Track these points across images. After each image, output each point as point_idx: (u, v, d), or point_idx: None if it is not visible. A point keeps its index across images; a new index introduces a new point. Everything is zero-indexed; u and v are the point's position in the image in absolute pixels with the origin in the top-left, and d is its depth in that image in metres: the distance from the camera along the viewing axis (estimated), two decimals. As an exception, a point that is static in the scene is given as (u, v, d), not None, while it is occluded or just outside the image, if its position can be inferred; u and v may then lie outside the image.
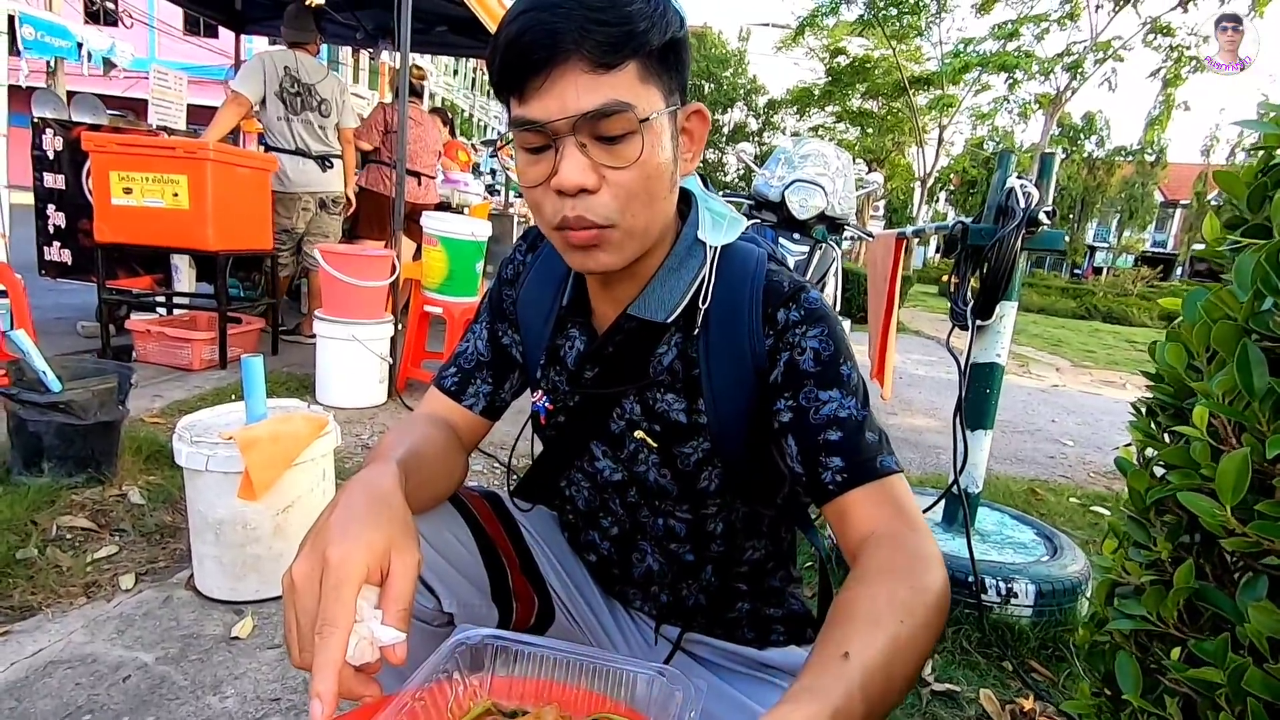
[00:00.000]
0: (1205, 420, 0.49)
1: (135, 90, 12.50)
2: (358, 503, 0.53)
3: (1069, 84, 13.79)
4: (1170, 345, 0.55)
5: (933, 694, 1.54)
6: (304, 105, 3.78)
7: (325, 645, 0.45)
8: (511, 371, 0.88)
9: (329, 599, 0.46)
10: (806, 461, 0.68)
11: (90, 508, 1.93)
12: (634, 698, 0.58)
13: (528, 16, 0.59)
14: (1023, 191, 1.76)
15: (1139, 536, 0.61)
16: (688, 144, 0.71)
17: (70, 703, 1.29)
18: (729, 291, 0.74)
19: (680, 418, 0.76)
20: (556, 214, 0.64)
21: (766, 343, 0.72)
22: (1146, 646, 0.62)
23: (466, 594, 0.79)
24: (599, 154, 0.62)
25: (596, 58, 0.59)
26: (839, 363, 0.69)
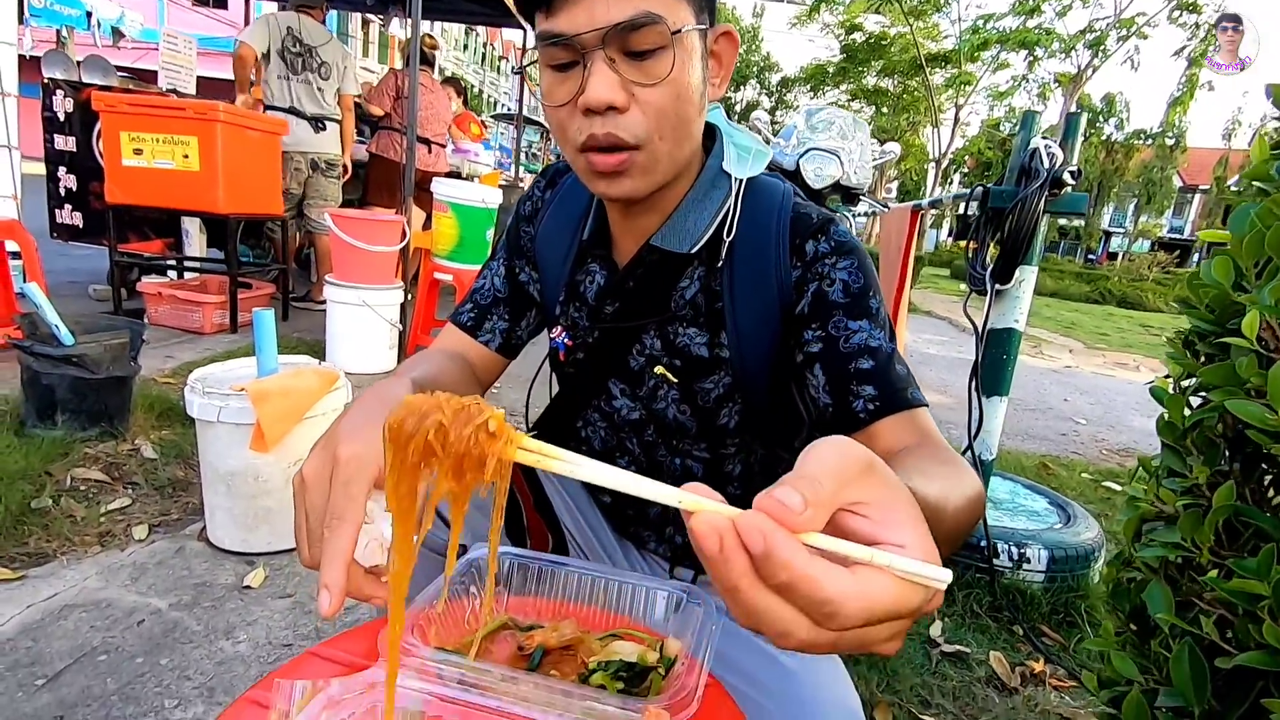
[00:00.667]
0: (1256, 329, 0.47)
1: (144, 61, 12.43)
2: (371, 407, 0.52)
3: (1090, 62, 13.51)
4: (1218, 259, 0.53)
5: (942, 654, 1.54)
6: (304, 66, 3.76)
7: (334, 538, 0.44)
8: (528, 309, 0.87)
9: (338, 494, 0.46)
10: (836, 390, 0.66)
11: (103, 460, 1.94)
12: (653, 617, 0.57)
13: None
14: (1047, 152, 1.71)
15: (1174, 464, 0.59)
16: (716, 68, 0.69)
17: (85, 644, 1.30)
18: (755, 223, 0.72)
19: (702, 352, 0.74)
20: (583, 133, 0.62)
21: (794, 274, 0.70)
22: (1175, 579, 0.61)
23: (480, 527, 0.78)
24: (628, 70, 0.60)
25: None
26: (869, 295, 0.68)
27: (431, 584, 0.55)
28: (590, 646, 0.52)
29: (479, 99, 26.33)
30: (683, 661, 0.49)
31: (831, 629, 0.30)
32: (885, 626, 0.31)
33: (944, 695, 1.41)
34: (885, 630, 0.31)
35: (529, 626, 0.55)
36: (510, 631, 0.55)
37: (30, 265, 2.57)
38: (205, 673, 1.27)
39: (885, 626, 0.31)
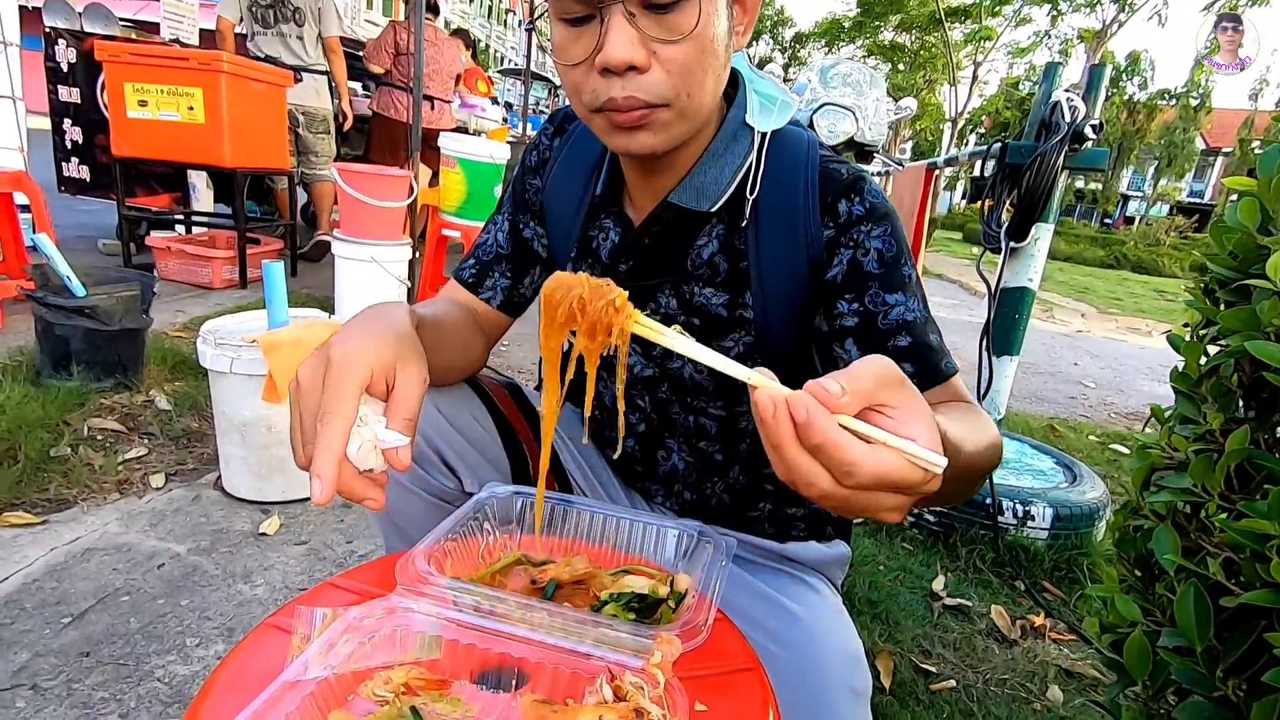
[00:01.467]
0: (1279, 272, 0.46)
1: (145, 12, 12.18)
2: (365, 319, 0.54)
3: (1116, 17, 13.07)
4: (1245, 202, 0.52)
5: (944, 608, 1.57)
6: (278, 18, 3.65)
7: (325, 431, 0.45)
8: (533, 266, 0.84)
9: (330, 391, 0.47)
10: None
11: (119, 411, 1.97)
12: (663, 554, 0.58)
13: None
14: (1069, 105, 1.67)
15: (1189, 411, 0.59)
16: (740, 14, 0.64)
17: (108, 585, 1.34)
18: (781, 179, 0.69)
19: (721, 311, 0.72)
20: (600, 95, 0.59)
21: (825, 234, 0.68)
22: (1183, 526, 0.61)
23: (488, 475, 0.78)
24: (650, 25, 0.56)
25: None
26: (902, 262, 0.66)
27: (448, 518, 0.56)
28: (602, 581, 0.53)
29: (485, 54, 25.78)
30: (693, 595, 0.50)
31: (847, 485, 0.37)
32: (890, 496, 0.39)
33: (944, 646, 1.44)
34: (890, 500, 0.39)
35: (542, 563, 0.56)
36: (524, 566, 0.56)
37: (39, 217, 2.57)
38: (225, 613, 1.31)
39: (890, 496, 0.39)
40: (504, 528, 0.59)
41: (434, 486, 0.73)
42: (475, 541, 0.56)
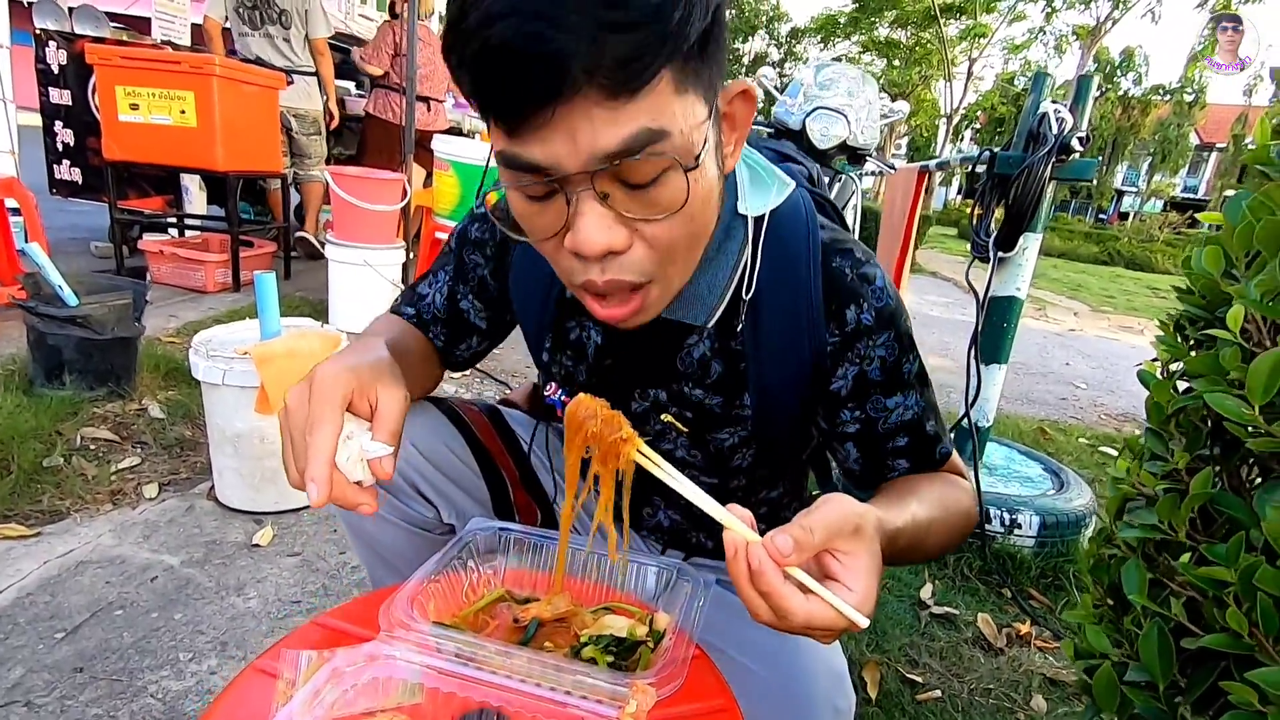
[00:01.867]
0: (1240, 322, 0.47)
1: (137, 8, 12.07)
2: (350, 349, 0.57)
3: (1110, 14, 13.09)
4: (1209, 249, 0.53)
5: (932, 616, 1.59)
6: (263, 19, 3.66)
7: (315, 439, 0.48)
8: (467, 336, 0.80)
9: (316, 404, 0.49)
10: (870, 464, 0.69)
11: (112, 420, 1.97)
12: (644, 590, 0.59)
13: (510, 25, 0.41)
14: (1056, 117, 1.68)
15: (1157, 448, 0.60)
16: (729, 132, 0.56)
17: (101, 599, 1.35)
18: (781, 277, 0.64)
19: (716, 408, 0.69)
20: (577, 274, 0.53)
21: (831, 341, 0.64)
22: (1153, 558, 0.63)
23: (467, 507, 0.79)
24: (627, 203, 0.49)
25: (617, 80, 0.43)
26: (904, 362, 0.66)
27: (432, 558, 0.57)
28: (583, 619, 0.54)
29: (480, 49, 25.60)
30: (671, 636, 0.51)
31: (782, 625, 0.46)
32: (820, 632, 0.46)
33: (931, 655, 1.46)
34: (820, 634, 0.47)
35: (525, 599, 0.58)
36: (507, 604, 0.57)
37: (31, 224, 2.57)
38: (218, 627, 1.32)
39: (820, 632, 0.46)
40: (487, 563, 0.60)
41: (413, 517, 0.74)
42: (459, 578, 0.58)
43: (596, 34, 0.41)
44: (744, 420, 0.69)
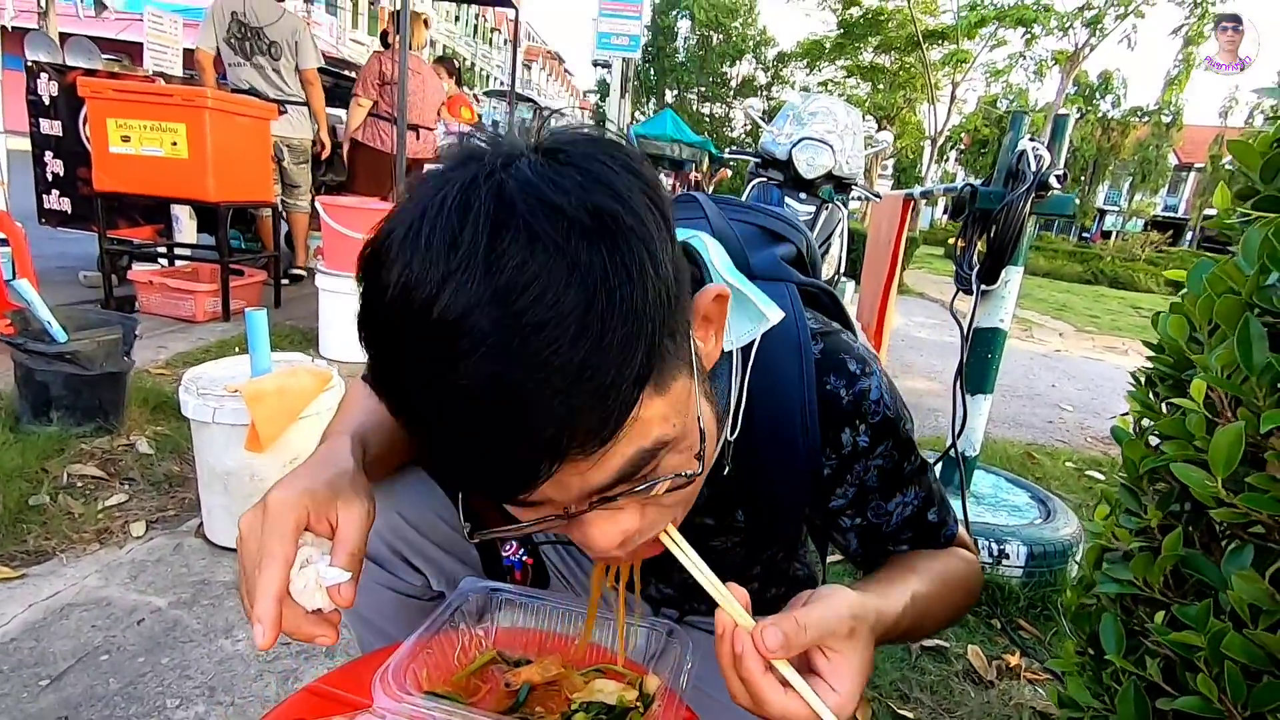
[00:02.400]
0: (1203, 393, 0.49)
1: (129, 32, 12.13)
2: (310, 463, 0.54)
3: (1088, 40, 13.41)
4: (1173, 317, 0.55)
5: (922, 648, 1.59)
6: (254, 50, 3.72)
7: (264, 574, 0.45)
8: None
9: (267, 535, 0.47)
10: (871, 556, 0.70)
11: (99, 457, 1.96)
12: (633, 650, 0.60)
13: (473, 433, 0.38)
14: (1034, 155, 1.73)
15: (1130, 504, 0.62)
16: (705, 330, 0.51)
17: (88, 644, 1.34)
18: (772, 412, 0.60)
19: (708, 521, 0.68)
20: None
21: (828, 464, 0.63)
22: (1131, 610, 0.64)
23: (457, 572, 0.77)
24: (626, 501, 0.47)
25: (595, 445, 0.40)
26: (904, 466, 0.65)
27: (422, 624, 0.57)
28: (574, 683, 0.55)
29: (471, 73, 25.91)
30: (660, 700, 0.52)
31: (758, 711, 0.47)
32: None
33: (922, 689, 1.46)
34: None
35: (517, 661, 0.58)
36: (499, 666, 0.58)
37: (20, 260, 2.56)
38: (206, 672, 1.30)
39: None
40: (479, 625, 0.61)
41: (401, 586, 0.73)
42: (451, 640, 0.58)
43: (562, 424, 0.37)
44: (738, 530, 0.69)
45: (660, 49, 27.11)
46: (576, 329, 0.36)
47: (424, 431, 0.41)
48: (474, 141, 0.43)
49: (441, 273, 0.36)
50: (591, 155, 0.41)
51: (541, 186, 0.38)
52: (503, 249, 0.36)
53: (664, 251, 0.40)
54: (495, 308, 0.36)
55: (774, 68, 26.35)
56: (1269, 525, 0.45)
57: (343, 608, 0.48)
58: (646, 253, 0.39)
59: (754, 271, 0.67)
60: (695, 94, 28.28)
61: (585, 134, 0.43)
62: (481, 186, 0.38)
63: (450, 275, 0.36)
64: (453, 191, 0.39)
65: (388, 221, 0.41)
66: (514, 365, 0.36)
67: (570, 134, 0.43)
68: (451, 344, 0.36)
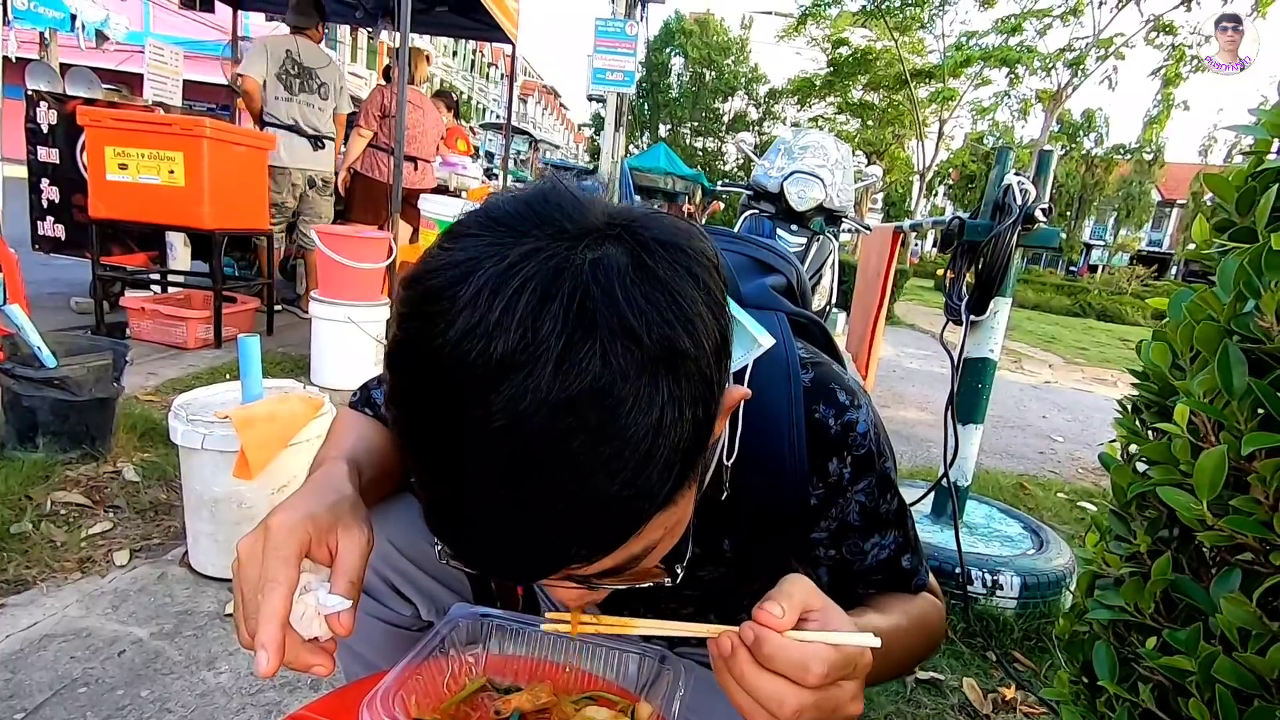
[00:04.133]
0: (1186, 418, 0.50)
1: (129, 64, 12.28)
2: (309, 488, 0.54)
3: (1070, 80, 13.78)
4: (1155, 344, 0.57)
5: (917, 682, 1.57)
6: (303, 87, 3.90)
7: (267, 600, 0.44)
8: None
9: (269, 559, 0.46)
10: (839, 592, 0.68)
11: (85, 484, 1.93)
12: (625, 677, 0.59)
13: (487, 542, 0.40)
14: (1020, 188, 1.77)
15: (1120, 530, 0.63)
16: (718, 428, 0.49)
17: (65, 675, 1.30)
18: (763, 438, 0.62)
19: (695, 550, 0.67)
20: None
21: (815, 493, 0.64)
22: (1124, 636, 0.64)
23: (447, 600, 0.75)
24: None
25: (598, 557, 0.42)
26: (881, 504, 0.66)
27: (415, 646, 0.57)
28: (565, 710, 0.54)
29: (468, 106, 26.30)
30: (652, 728, 0.52)
31: (809, 685, 0.42)
32: (847, 686, 0.45)
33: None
34: (849, 689, 0.45)
35: (507, 689, 0.58)
36: (489, 694, 0.57)
37: (12, 285, 2.55)
38: (186, 705, 1.27)
39: (847, 686, 0.45)
40: (469, 651, 0.60)
41: (390, 616, 0.72)
42: (440, 667, 0.58)
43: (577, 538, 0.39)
44: (725, 560, 0.69)
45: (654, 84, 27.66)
46: (622, 460, 0.37)
47: (436, 491, 0.40)
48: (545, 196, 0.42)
49: (512, 360, 0.36)
50: (674, 264, 0.40)
51: (624, 308, 0.37)
52: (577, 359, 0.36)
53: (718, 387, 0.42)
54: (553, 412, 0.35)
55: (765, 104, 26.90)
56: (1254, 548, 0.46)
57: (341, 636, 0.47)
58: (701, 396, 0.40)
59: (745, 299, 0.67)
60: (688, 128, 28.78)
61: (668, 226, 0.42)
62: (565, 281, 0.37)
63: (520, 365, 0.36)
64: (530, 269, 0.37)
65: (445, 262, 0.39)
66: (554, 471, 0.36)
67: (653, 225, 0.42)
68: (501, 428, 0.36)
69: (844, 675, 0.44)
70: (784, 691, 0.42)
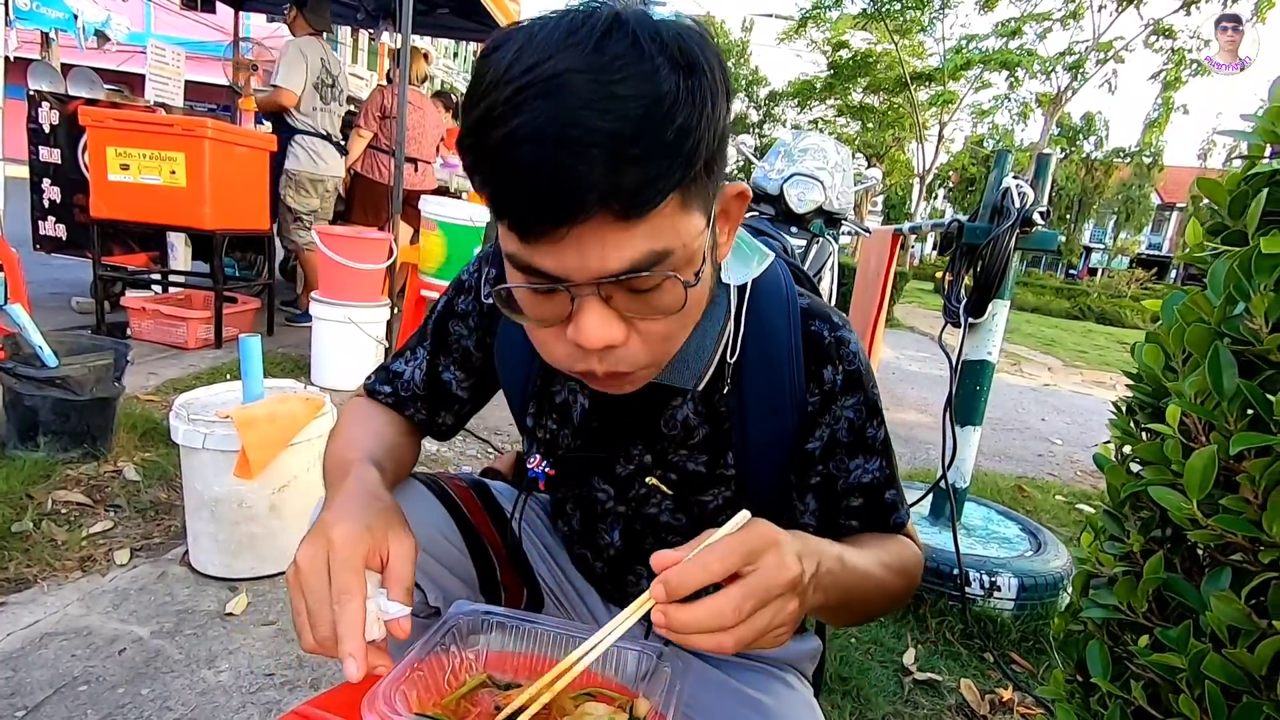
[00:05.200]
0: (1178, 419, 0.51)
1: (131, 64, 12.27)
2: (352, 496, 0.57)
3: (1069, 84, 13.80)
4: (1148, 346, 0.57)
5: (915, 682, 1.58)
6: (332, 96, 3.97)
7: (345, 611, 0.48)
8: (449, 405, 0.82)
9: (341, 572, 0.49)
10: (823, 520, 0.71)
11: (85, 483, 1.94)
12: (623, 673, 0.60)
13: (533, 150, 0.44)
14: (1018, 191, 1.77)
15: (1113, 530, 0.63)
16: (723, 225, 0.59)
17: (66, 673, 1.31)
18: (764, 342, 0.67)
19: (701, 469, 0.71)
20: (575, 363, 0.55)
21: (811, 401, 0.68)
22: (1117, 635, 0.65)
23: (454, 588, 0.78)
24: (628, 304, 0.52)
25: (628, 206, 0.46)
26: (868, 427, 0.69)
27: (415, 643, 0.57)
28: (564, 706, 0.55)
29: (468, 107, 26.24)
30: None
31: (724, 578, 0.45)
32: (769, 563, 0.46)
33: (915, 724, 1.45)
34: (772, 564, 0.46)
35: (507, 685, 0.58)
36: (489, 689, 0.58)
37: (14, 284, 2.56)
38: (186, 703, 1.28)
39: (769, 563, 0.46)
40: (470, 647, 0.61)
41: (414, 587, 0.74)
42: (442, 663, 0.58)
43: (614, 164, 0.44)
44: (727, 481, 0.71)
45: (655, 87, 27.53)
46: (645, 112, 0.44)
47: (498, 154, 0.46)
48: None
49: (556, 47, 0.45)
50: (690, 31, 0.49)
51: (649, 17, 0.48)
52: (610, 44, 0.45)
53: (721, 109, 0.49)
54: (591, 74, 0.44)
55: (766, 106, 26.90)
56: (1244, 547, 0.46)
57: (400, 640, 0.52)
58: (710, 97, 0.47)
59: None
60: (689, 130, 28.66)
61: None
62: (603, 9, 0.47)
63: (563, 50, 0.45)
64: (578, 9, 0.48)
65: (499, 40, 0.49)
66: (592, 112, 0.44)
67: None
68: (549, 85, 0.44)
69: (752, 557, 0.46)
70: (711, 603, 0.44)
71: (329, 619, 0.49)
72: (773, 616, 0.46)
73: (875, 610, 0.66)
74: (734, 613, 0.44)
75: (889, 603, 0.65)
